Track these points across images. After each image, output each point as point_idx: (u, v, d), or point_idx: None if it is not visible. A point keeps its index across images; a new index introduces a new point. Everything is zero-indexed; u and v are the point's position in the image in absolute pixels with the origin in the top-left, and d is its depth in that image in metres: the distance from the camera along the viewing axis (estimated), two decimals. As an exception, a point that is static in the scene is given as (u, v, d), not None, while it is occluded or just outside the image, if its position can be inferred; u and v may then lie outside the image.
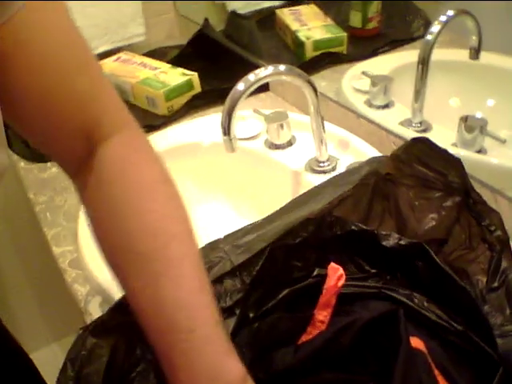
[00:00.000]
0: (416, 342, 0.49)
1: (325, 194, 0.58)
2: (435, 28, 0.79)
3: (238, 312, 0.48)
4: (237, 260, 0.50)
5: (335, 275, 0.52)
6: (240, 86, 0.72)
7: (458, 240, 0.61)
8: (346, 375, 0.47)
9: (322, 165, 0.83)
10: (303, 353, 0.47)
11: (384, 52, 1.02)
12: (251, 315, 0.50)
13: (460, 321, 0.50)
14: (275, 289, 0.53)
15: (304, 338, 0.50)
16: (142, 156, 0.46)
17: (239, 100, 0.72)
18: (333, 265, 0.53)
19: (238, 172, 0.91)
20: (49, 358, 1.71)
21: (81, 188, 0.48)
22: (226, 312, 0.48)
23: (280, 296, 0.52)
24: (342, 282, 0.51)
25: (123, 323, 0.44)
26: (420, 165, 0.61)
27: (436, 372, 0.46)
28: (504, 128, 0.79)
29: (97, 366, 0.41)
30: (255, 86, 0.72)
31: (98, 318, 0.43)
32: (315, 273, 0.55)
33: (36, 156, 0.97)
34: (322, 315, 0.51)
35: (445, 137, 0.81)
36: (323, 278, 0.54)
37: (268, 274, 0.52)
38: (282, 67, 0.74)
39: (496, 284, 0.57)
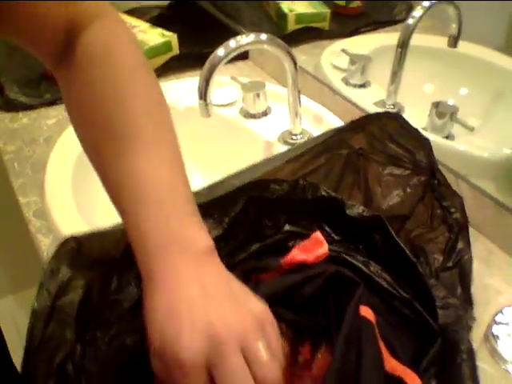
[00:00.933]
0: (366, 312, 0.50)
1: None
2: (417, 13, 0.80)
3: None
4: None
5: (317, 251, 0.53)
6: (220, 51, 0.72)
7: (420, 219, 0.64)
8: (298, 317, 0.49)
9: (294, 137, 0.84)
10: (270, 288, 0.48)
11: (365, 32, 1.03)
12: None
13: (408, 291, 0.52)
14: (246, 243, 0.55)
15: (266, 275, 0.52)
16: (122, 41, 0.47)
17: (218, 65, 0.72)
18: (318, 236, 0.54)
19: (210, 138, 0.92)
20: (4, 311, 1.71)
21: (62, 77, 0.48)
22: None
23: (251, 249, 0.54)
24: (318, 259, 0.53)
25: (100, 257, 0.45)
26: (392, 142, 0.63)
27: (381, 343, 0.49)
28: (473, 117, 0.82)
29: (71, 298, 0.42)
30: (235, 53, 0.72)
31: (72, 247, 0.44)
32: (285, 228, 0.56)
33: (9, 105, 0.96)
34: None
35: (416, 120, 0.83)
36: (292, 234, 0.56)
37: (241, 228, 0.53)
38: (263, 36, 0.74)
39: (450, 264, 0.60)
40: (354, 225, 0.58)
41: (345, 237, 0.60)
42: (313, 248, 0.54)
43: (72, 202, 0.72)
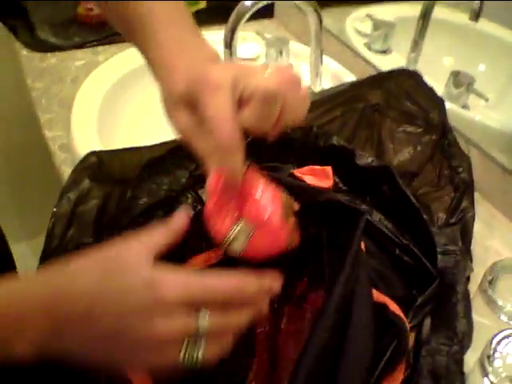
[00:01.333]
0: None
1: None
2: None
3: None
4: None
5: (323, 182, 0.55)
6: (247, 1, 0.74)
7: (427, 177, 0.66)
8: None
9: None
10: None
11: (392, 0, 1.04)
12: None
13: (407, 238, 0.55)
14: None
15: None
16: None
17: (245, 15, 0.74)
18: (329, 170, 0.56)
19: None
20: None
21: None
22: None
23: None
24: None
25: (119, 174, 0.47)
26: (407, 99, 0.65)
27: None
28: (489, 92, 0.83)
29: (91, 206, 0.45)
30: (262, 4, 0.74)
31: (94, 161, 0.47)
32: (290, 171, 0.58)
33: (39, 45, 0.98)
34: None
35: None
36: (293, 176, 0.58)
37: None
38: (292, -11, 0.76)
39: (453, 220, 0.62)
40: (363, 175, 0.60)
41: (352, 188, 0.62)
42: (320, 177, 0.56)
43: (96, 137, 0.75)
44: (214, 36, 0.97)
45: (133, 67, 0.91)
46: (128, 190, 0.49)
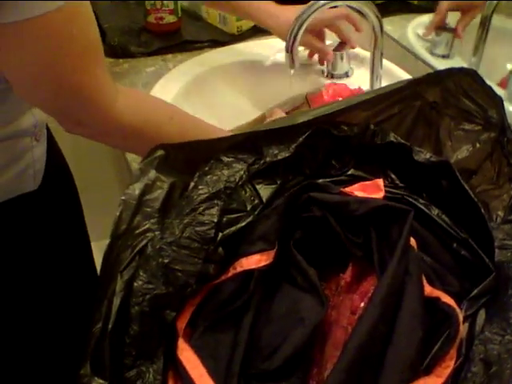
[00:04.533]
0: (412, 241, 0.53)
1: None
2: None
3: (279, 182, 0.55)
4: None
5: (373, 195, 0.56)
6: (309, 7, 0.76)
7: (486, 175, 0.65)
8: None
9: (373, 98, 0.87)
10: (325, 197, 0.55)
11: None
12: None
13: (465, 233, 0.55)
14: (312, 179, 0.59)
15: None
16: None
17: (306, 20, 0.76)
18: (379, 183, 0.57)
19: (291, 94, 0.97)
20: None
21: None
22: (268, 177, 0.55)
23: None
24: None
25: (183, 166, 0.51)
26: (465, 97, 0.65)
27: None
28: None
29: (156, 195, 0.49)
30: (326, 7, 0.76)
31: (160, 154, 0.50)
32: (349, 172, 0.60)
33: (112, 51, 1.05)
34: None
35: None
36: (355, 178, 0.60)
37: (308, 164, 0.58)
38: (352, -6, 0.78)
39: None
40: (421, 171, 0.61)
41: (409, 185, 0.63)
42: (371, 191, 0.57)
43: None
44: (278, 42, 1.01)
45: (199, 73, 0.96)
46: (191, 181, 0.52)
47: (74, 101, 0.57)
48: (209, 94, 0.96)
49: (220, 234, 0.51)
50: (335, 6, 0.84)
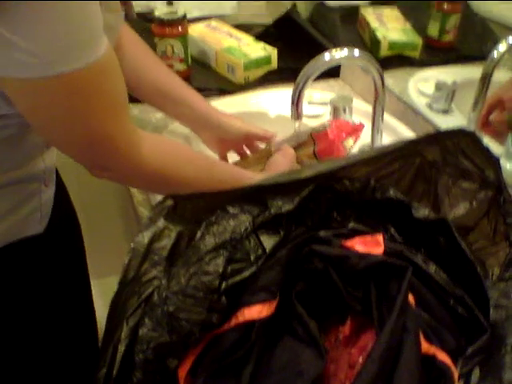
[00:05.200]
0: (410, 297, 0.55)
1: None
2: (501, 47, 0.84)
3: (282, 233, 0.57)
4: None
5: (373, 250, 0.58)
6: (315, 62, 0.80)
7: (483, 232, 0.67)
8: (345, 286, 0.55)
9: (374, 150, 0.90)
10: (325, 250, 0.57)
11: (453, 63, 1.07)
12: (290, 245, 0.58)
13: (461, 290, 0.56)
14: (312, 230, 0.61)
15: None
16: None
17: (312, 74, 0.80)
18: (379, 238, 0.59)
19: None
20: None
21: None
22: (272, 228, 0.57)
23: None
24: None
25: (190, 215, 0.53)
26: (463, 157, 0.67)
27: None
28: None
29: (164, 244, 0.50)
30: (329, 65, 0.80)
31: (169, 204, 0.52)
32: (350, 225, 0.62)
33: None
34: None
35: (492, 148, 0.87)
36: (355, 232, 0.62)
37: (311, 215, 0.60)
38: (356, 51, 0.81)
39: (507, 275, 0.63)
40: (419, 227, 0.63)
41: (408, 239, 0.65)
42: (371, 246, 0.59)
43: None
44: (282, 94, 1.04)
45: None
46: (198, 231, 0.54)
47: (104, 151, 0.59)
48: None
49: (224, 284, 0.53)
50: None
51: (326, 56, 0.79)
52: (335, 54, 0.79)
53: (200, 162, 0.71)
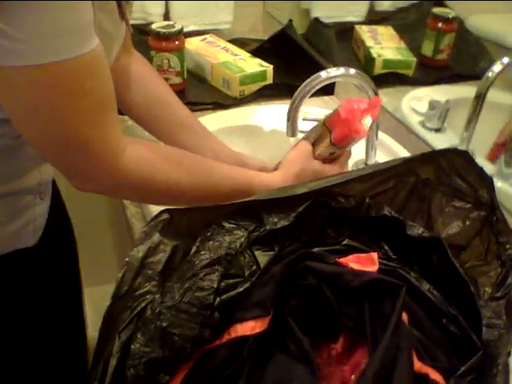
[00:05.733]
0: (403, 316, 0.55)
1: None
2: (496, 67, 0.86)
3: (276, 248, 0.57)
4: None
5: (367, 268, 0.58)
6: (311, 79, 0.80)
7: (475, 251, 0.68)
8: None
9: (368, 167, 0.90)
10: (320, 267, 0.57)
11: (447, 82, 1.09)
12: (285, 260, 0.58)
13: (454, 308, 0.57)
14: (307, 246, 0.61)
15: None
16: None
17: (309, 92, 0.80)
18: (374, 257, 0.59)
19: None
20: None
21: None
22: (267, 243, 0.57)
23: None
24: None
25: (186, 230, 0.53)
26: (457, 176, 0.68)
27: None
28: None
29: (159, 258, 0.50)
30: (325, 83, 0.80)
31: (165, 218, 0.52)
32: (345, 242, 0.62)
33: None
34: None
35: (485, 168, 0.88)
36: (351, 248, 0.62)
37: (306, 231, 0.60)
38: (352, 70, 0.82)
39: (499, 294, 0.63)
40: (412, 245, 0.63)
41: (401, 257, 0.65)
42: (365, 263, 0.59)
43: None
44: (277, 109, 1.05)
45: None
46: (193, 245, 0.54)
47: (81, 154, 0.55)
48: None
49: (218, 299, 0.53)
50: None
51: (323, 74, 0.79)
52: (331, 72, 0.80)
53: (193, 164, 0.67)
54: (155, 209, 0.78)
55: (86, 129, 0.54)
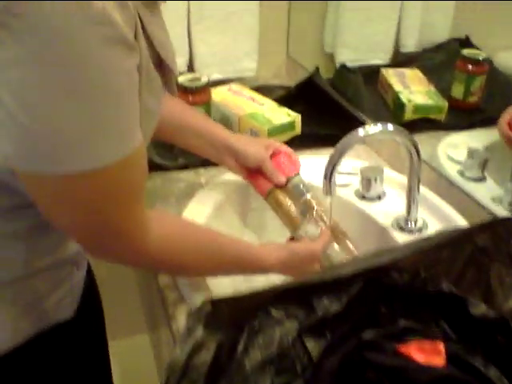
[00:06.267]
0: None
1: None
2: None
3: (328, 335, 0.52)
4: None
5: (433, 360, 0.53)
6: (349, 138, 0.77)
7: (541, 327, 0.62)
8: None
9: (409, 224, 0.86)
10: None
11: (480, 126, 1.04)
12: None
13: None
14: (360, 326, 0.56)
15: None
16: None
17: (346, 150, 0.76)
18: (441, 347, 0.54)
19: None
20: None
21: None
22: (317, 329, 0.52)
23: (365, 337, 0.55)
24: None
25: (229, 319, 0.48)
26: (517, 244, 0.63)
27: None
28: None
29: (203, 358, 0.46)
30: (364, 140, 0.76)
31: (208, 309, 0.48)
32: (401, 324, 0.57)
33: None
34: None
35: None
36: (408, 330, 0.57)
37: (357, 309, 0.55)
38: (390, 127, 0.78)
39: None
40: (475, 324, 0.58)
41: (462, 337, 0.60)
42: (430, 354, 0.54)
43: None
44: (307, 161, 1.01)
45: (232, 189, 0.95)
46: (240, 340, 0.49)
47: (110, 238, 0.57)
48: (243, 208, 0.95)
49: (269, 401, 0.48)
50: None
51: (360, 132, 0.76)
52: (369, 130, 0.76)
53: (209, 244, 0.69)
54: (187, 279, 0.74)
55: (118, 218, 0.55)
